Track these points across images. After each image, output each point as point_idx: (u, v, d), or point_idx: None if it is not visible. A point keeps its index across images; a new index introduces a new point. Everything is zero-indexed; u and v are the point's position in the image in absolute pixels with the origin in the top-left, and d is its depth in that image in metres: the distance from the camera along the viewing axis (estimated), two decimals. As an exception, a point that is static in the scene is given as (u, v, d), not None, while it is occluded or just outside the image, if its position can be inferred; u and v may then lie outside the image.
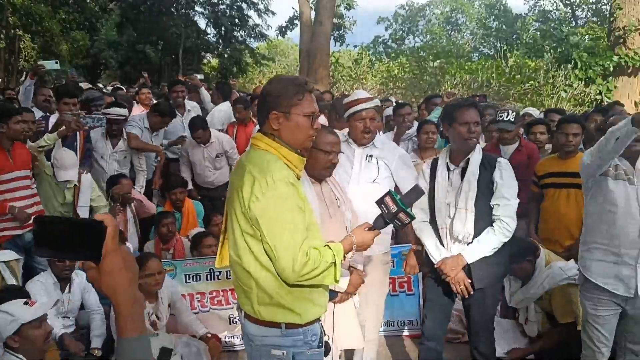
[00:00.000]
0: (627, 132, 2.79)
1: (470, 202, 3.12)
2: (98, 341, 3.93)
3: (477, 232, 3.15)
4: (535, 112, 6.86)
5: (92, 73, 25.36)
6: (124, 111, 5.46)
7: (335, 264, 2.15)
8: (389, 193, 2.31)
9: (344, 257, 2.25)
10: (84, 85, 7.47)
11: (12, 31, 18.14)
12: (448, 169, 3.25)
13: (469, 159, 3.17)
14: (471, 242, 3.15)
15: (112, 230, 1.07)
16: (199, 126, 5.61)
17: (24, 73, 8.22)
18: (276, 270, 2.12)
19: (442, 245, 3.26)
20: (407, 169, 3.45)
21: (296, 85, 2.23)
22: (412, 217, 2.31)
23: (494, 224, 3.11)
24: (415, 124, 5.71)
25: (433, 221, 3.31)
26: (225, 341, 4.29)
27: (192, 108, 6.38)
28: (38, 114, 5.22)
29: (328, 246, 2.19)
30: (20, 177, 4.17)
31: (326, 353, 2.38)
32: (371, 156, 3.37)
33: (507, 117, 4.90)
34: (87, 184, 4.67)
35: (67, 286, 3.98)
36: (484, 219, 3.14)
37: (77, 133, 5.00)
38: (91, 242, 1.05)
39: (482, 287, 3.18)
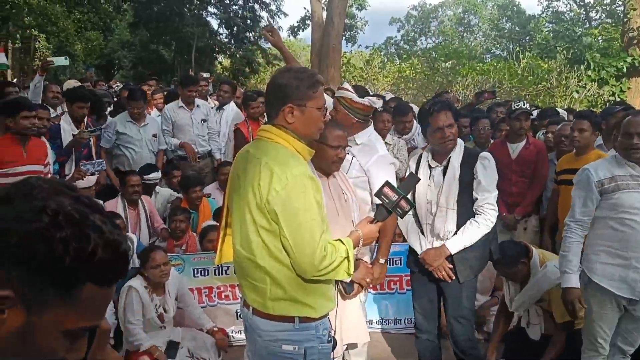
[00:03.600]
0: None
1: (452, 201, 3.20)
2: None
3: (460, 227, 3.23)
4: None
5: (105, 73, 25.59)
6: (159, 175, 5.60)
7: (348, 257, 2.18)
8: (386, 183, 2.37)
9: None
10: (73, 82, 7.53)
11: (28, 31, 18.35)
12: (430, 167, 3.31)
13: (450, 157, 3.25)
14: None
15: (101, 336, 1.02)
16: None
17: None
18: (294, 264, 2.11)
19: (425, 240, 3.34)
20: (383, 171, 3.18)
21: (310, 77, 2.21)
22: (413, 205, 2.39)
23: (476, 216, 3.20)
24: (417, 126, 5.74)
25: (416, 217, 3.38)
26: (232, 335, 4.32)
27: (201, 105, 6.44)
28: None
29: (340, 240, 2.22)
30: (33, 171, 4.21)
31: (333, 347, 2.39)
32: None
33: (523, 105, 4.96)
34: None
35: None
36: (467, 214, 3.23)
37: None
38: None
39: (463, 281, 3.27)
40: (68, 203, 0.83)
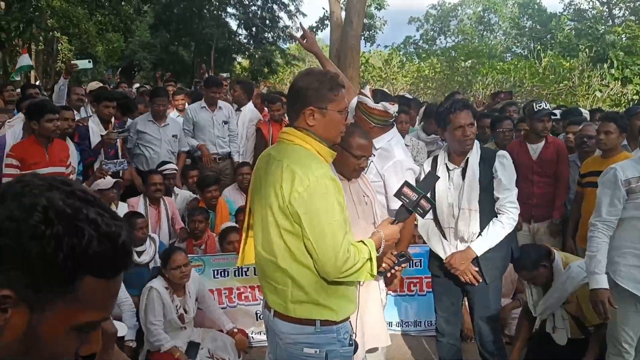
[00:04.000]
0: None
1: (474, 202, 3.17)
2: (131, 333, 4.00)
3: (484, 228, 3.20)
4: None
5: (126, 74, 25.87)
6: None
7: (371, 259, 2.17)
8: (405, 183, 2.38)
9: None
10: (95, 84, 7.63)
11: (50, 33, 18.64)
12: (448, 169, 3.28)
13: (468, 158, 3.21)
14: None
15: (108, 339, 1.01)
16: None
17: (61, 74, 8.49)
18: (317, 266, 2.10)
19: (447, 244, 3.31)
20: (396, 176, 3.12)
21: (331, 80, 2.21)
22: (433, 203, 2.41)
23: (498, 215, 3.17)
24: None
25: (437, 221, 3.35)
26: (252, 337, 4.33)
27: (223, 107, 6.49)
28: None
29: (362, 242, 2.21)
30: (55, 172, 4.27)
31: (354, 351, 2.38)
32: None
33: (545, 105, 4.90)
34: None
35: None
36: (489, 214, 3.20)
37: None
38: None
39: (490, 282, 3.25)
40: (59, 198, 0.81)
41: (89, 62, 5.89)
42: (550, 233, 4.86)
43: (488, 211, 3.19)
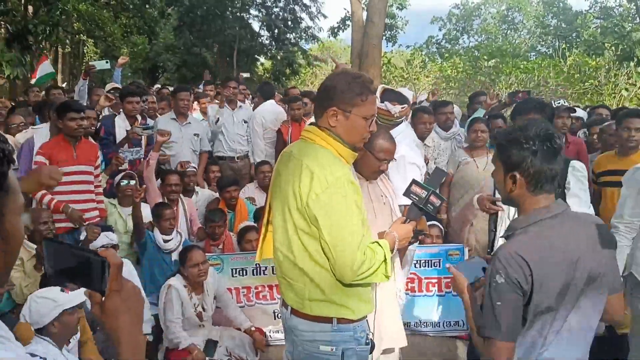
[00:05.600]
0: None
1: None
2: (147, 327, 4.03)
3: None
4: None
5: (150, 76, 26.18)
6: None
7: (385, 260, 2.16)
8: (413, 182, 2.39)
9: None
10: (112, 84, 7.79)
11: (77, 36, 19.00)
12: None
13: None
14: None
15: (115, 268, 1.06)
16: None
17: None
18: (333, 269, 2.09)
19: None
20: (398, 173, 3.17)
21: (362, 84, 2.16)
22: (442, 199, 2.41)
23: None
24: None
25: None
26: (270, 335, 4.35)
27: (244, 106, 6.54)
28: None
29: (377, 242, 2.20)
30: (83, 171, 4.38)
31: (370, 350, 2.37)
32: None
33: (564, 103, 4.83)
34: None
35: None
36: None
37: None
38: (94, 275, 1.05)
39: None
40: None
41: (107, 62, 5.99)
42: None
43: None
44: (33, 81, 7.66)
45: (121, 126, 5.34)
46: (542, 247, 1.81)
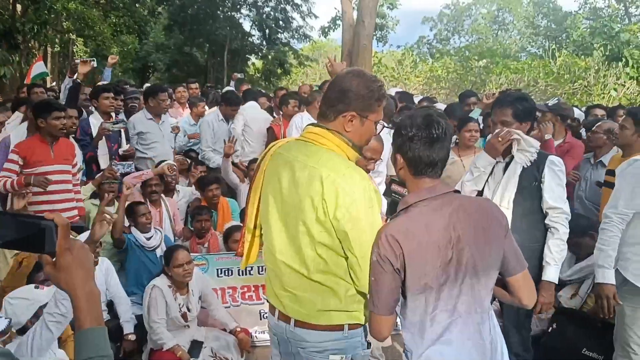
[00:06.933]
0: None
1: (507, 200, 3.03)
2: (130, 326, 4.02)
3: (514, 230, 3.07)
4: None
5: (140, 75, 26.08)
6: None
7: None
8: (392, 181, 2.37)
9: None
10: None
11: (66, 35, 18.87)
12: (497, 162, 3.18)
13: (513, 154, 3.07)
14: None
15: (63, 229, 1.13)
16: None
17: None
18: (357, 279, 2.01)
19: None
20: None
21: (379, 89, 2.09)
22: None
23: (552, 229, 3.00)
24: None
25: None
26: (256, 336, 4.32)
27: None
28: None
29: None
30: (60, 170, 4.30)
31: None
32: None
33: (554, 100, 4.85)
34: None
35: None
36: (521, 218, 3.02)
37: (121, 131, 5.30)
38: (44, 238, 1.12)
39: None
40: None
41: (93, 60, 5.92)
42: None
43: (520, 215, 3.02)
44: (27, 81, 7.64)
45: (96, 125, 5.25)
46: (416, 227, 1.88)
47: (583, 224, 3.58)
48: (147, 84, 12.44)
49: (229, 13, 23.91)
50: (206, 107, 7.26)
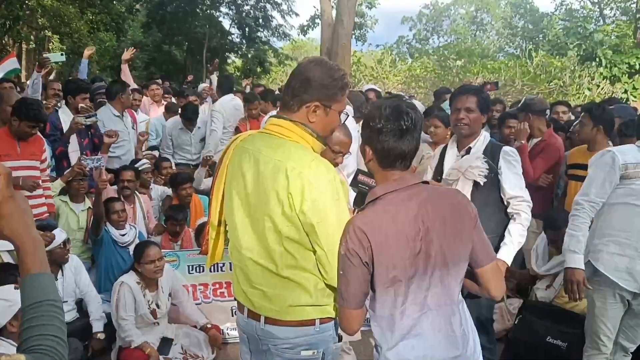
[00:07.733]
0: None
1: (465, 192, 3.01)
2: (99, 325, 3.97)
3: None
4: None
5: (119, 73, 25.81)
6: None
7: None
8: (359, 171, 2.36)
9: None
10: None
11: (41, 32, 18.56)
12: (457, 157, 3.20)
13: (470, 147, 3.12)
14: None
15: (4, 177, 1.15)
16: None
17: (53, 73, 8.46)
18: (326, 273, 1.99)
19: None
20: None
21: (342, 79, 2.05)
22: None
23: (515, 216, 3.03)
24: None
25: None
26: (227, 333, 4.30)
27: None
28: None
29: None
30: (27, 166, 4.20)
31: None
32: None
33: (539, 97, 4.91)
34: None
35: (60, 271, 3.94)
36: (480, 209, 3.05)
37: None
38: None
39: None
40: None
41: (62, 54, 5.79)
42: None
43: (478, 206, 3.07)
44: None
45: (66, 121, 5.11)
46: (384, 219, 1.85)
47: (562, 217, 3.63)
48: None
49: (208, 11, 23.75)
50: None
